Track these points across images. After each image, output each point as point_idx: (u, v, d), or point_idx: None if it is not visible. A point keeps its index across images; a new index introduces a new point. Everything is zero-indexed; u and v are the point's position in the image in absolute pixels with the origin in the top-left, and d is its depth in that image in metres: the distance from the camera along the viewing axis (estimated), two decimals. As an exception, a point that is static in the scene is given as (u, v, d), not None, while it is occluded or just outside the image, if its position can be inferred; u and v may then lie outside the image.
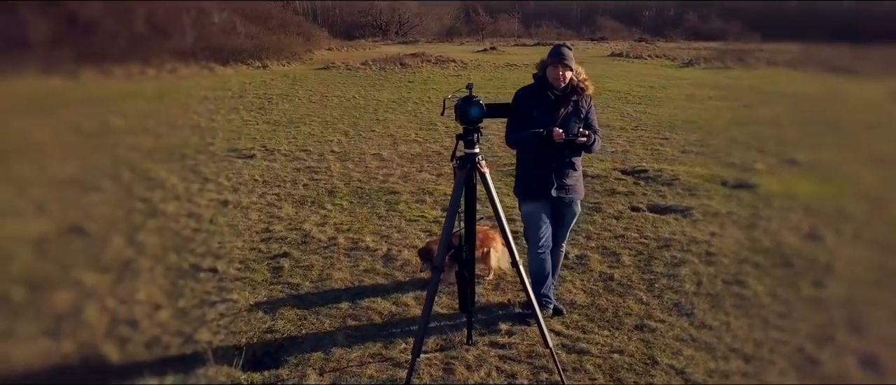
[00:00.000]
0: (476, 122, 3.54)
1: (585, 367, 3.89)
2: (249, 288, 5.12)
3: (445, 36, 48.13)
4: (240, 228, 6.56)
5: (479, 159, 3.57)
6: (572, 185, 4.29)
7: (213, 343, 4.23)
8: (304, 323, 4.52)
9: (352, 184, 8.18)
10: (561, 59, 4.07)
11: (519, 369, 3.88)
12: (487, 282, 5.09)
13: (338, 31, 46.07)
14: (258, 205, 7.36)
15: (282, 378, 3.83)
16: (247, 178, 8.56)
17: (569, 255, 5.66)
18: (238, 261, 5.68)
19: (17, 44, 18.99)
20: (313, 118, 13.54)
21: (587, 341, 4.20)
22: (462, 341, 4.22)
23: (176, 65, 24.20)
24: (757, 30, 23.24)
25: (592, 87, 4.33)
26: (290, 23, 32.18)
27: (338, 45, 33.76)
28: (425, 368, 3.92)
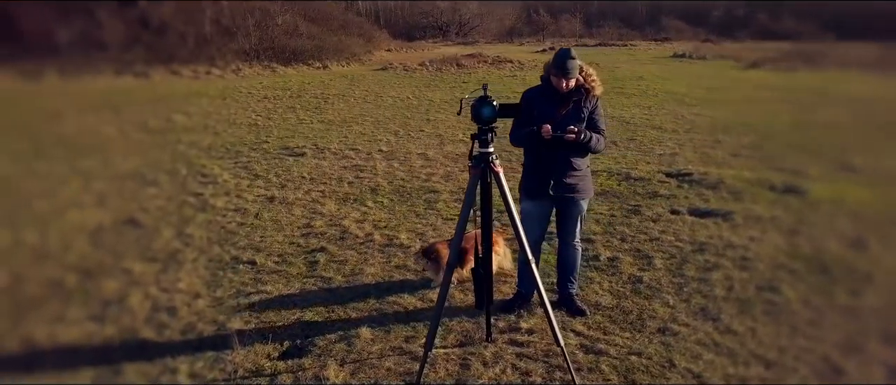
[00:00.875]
0: (489, 122, 3.59)
1: (601, 368, 3.90)
2: (284, 280, 5.31)
3: (506, 36, 48.05)
4: (282, 223, 6.79)
5: (493, 159, 3.63)
6: (573, 184, 4.29)
7: (244, 331, 4.41)
8: (332, 315, 4.67)
9: (394, 182, 8.33)
10: (565, 73, 4.06)
11: (534, 367, 3.93)
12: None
13: (399, 32, 46.60)
14: (303, 201, 7.59)
15: (303, 367, 3.98)
16: (295, 175, 8.81)
17: (600, 256, 5.65)
18: (277, 254, 5.89)
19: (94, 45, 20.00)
20: (366, 118, 13.79)
21: (606, 342, 4.20)
22: (481, 338, 4.28)
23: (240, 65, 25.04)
24: (832, 30, 22.36)
25: (600, 87, 4.31)
26: (351, 24, 32.82)
27: (397, 46, 34.16)
28: (442, 363, 4.00)
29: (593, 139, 4.17)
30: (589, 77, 4.25)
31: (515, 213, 3.70)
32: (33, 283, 5.33)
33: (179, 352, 4.14)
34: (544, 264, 5.06)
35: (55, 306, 4.88)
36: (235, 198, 7.76)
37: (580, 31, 48.85)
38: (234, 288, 5.18)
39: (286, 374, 3.90)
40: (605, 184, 8.00)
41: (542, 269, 4.69)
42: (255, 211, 7.21)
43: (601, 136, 4.27)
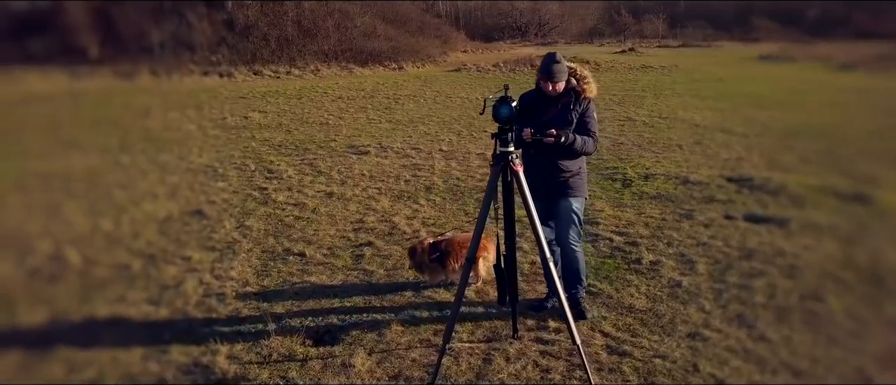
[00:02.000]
0: (507, 122, 3.67)
1: (621, 369, 3.91)
2: (329, 272, 5.54)
3: (586, 37, 47.43)
4: (336, 218, 7.05)
5: (512, 158, 3.70)
6: (561, 184, 4.29)
7: (283, 318, 4.65)
8: (368, 306, 4.86)
9: (449, 181, 8.48)
10: (550, 77, 4.15)
11: (555, 365, 3.97)
12: (475, 287, 5.10)
13: (477, 33, 46.76)
14: (359, 197, 7.84)
15: (334, 354, 4.17)
16: (356, 172, 9.09)
17: (642, 260, 5.61)
18: (326, 247, 6.14)
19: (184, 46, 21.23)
20: (432, 118, 14.01)
21: (632, 344, 4.20)
22: (508, 335, 4.36)
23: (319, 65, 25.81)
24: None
25: (594, 90, 4.33)
26: (429, 25, 33.24)
27: (474, 47, 34.31)
28: (466, 357, 4.11)
29: (578, 141, 4.17)
30: (583, 79, 4.31)
31: (534, 214, 3.75)
32: (103, 266, 5.77)
33: (222, 335, 4.40)
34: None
35: (119, 288, 5.28)
36: (297, 193, 8.09)
37: (663, 32, 47.66)
38: (281, 277, 5.45)
39: (317, 359, 4.10)
40: (661, 187, 7.88)
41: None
42: (313, 206, 7.51)
43: (590, 137, 4.27)
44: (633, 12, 52.36)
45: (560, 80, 4.17)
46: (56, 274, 5.59)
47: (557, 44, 42.00)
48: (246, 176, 9.04)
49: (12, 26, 26.93)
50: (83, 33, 23.51)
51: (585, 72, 4.37)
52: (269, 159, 10.04)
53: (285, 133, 12.53)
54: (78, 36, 23.44)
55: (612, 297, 4.92)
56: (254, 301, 4.98)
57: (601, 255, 5.81)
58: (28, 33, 24.67)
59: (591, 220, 6.74)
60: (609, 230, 6.42)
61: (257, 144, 11.36)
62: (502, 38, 47.89)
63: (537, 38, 47.21)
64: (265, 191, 8.22)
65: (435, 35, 32.09)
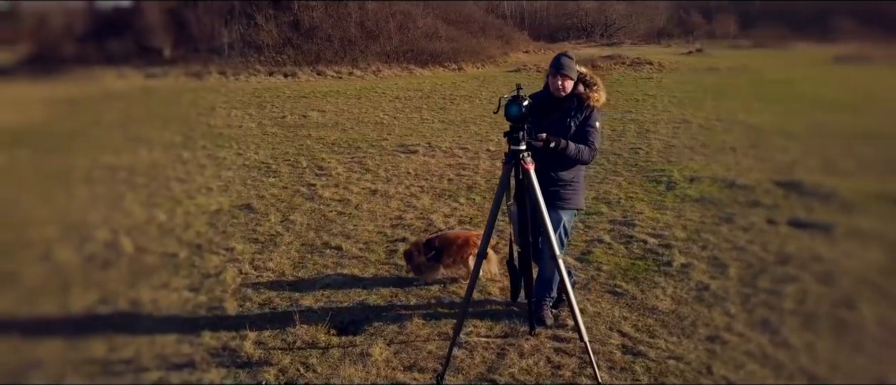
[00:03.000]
0: (517, 121, 3.72)
1: (633, 368, 3.92)
2: (361, 265, 5.72)
3: (654, 37, 46.45)
4: (377, 214, 7.23)
5: (523, 156, 3.74)
6: (551, 193, 4.16)
7: (312, 308, 4.85)
8: (394, 300, 5.00)
9: (492, 181, 8.54)
10: (559, 69, 4.12)
11: (567, 362, 4.02)
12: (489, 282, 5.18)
13: (542, 33, 46.44)
14: (401, 195, 8.01)
15: (354, 343, 4.33)
16: (402, 171, 9.27)
17: (672, 262, 5.56)
18: (362, 242, 6.32)
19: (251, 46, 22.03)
20: (484, 118, 14.07)
21: (648, 345, 4.20)
22: (525, 331, 4.42)
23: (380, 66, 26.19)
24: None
25: (602, 98, 4.26)
26: (491, 26, 33.25)
27: (536, 48, 34.16)
28: (481, 351, 4.20)
29: (572, 148, 4.10)
30: (592, 86, 4.24)
31: (545, 213, 3.79)
32: (153, 254, 6.12)
33: (252, 322, 4.63)
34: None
35: (164, 276, 5.59)
36: (343, 189, 8.32)
37: (735, 33, 46.11)
38: (315, 269, 5.66)
39: (337, 348, 4.27)
40: (706, 190, 7.75)
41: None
42: (356, 202, 7.72)
43: (586, 146, 4.17)
44: (704, 12, 50.91)
45: (569, 75, 4.17)
46: (110, 260, 5.96)
47: (623, 44, 41.30)
48: (297, 172, 9.34)
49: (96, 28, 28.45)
50: (158, 34, 24.65)
51: (596, 79, 4.32)
52: (321, 157, 10.33)
53: (340, 132, 12.83)
54: (153, 37, 24.59)
55: (636, 298, 4.91)
56: (287, 291, 5.20)
57: (633, 256, 5.78)
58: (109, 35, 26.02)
59: (628, 221, 6.71)
60: (645, 232, 6.37)
61: (312, 142, 11.68)
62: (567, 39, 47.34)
63: (603, 38, 46.49)
64: (313, 187, 8.48)
65: (497, 35, 32.06)
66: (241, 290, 5.23)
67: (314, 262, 5.84)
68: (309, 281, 5.41)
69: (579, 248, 6.02)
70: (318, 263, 5.79)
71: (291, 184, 8.69)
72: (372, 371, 3.98)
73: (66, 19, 44.19)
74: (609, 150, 10.31)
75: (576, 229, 6.57)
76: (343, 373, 3.95)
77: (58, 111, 16.27)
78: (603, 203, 7.43)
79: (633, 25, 49.81)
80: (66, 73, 23.74)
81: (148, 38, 24.52)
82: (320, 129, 13.20)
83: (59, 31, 35.78)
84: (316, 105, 16.76)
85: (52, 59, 25.31)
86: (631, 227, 6.52)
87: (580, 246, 6.07)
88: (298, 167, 9.68)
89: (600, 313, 4.68)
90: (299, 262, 5.83)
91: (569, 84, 4.20)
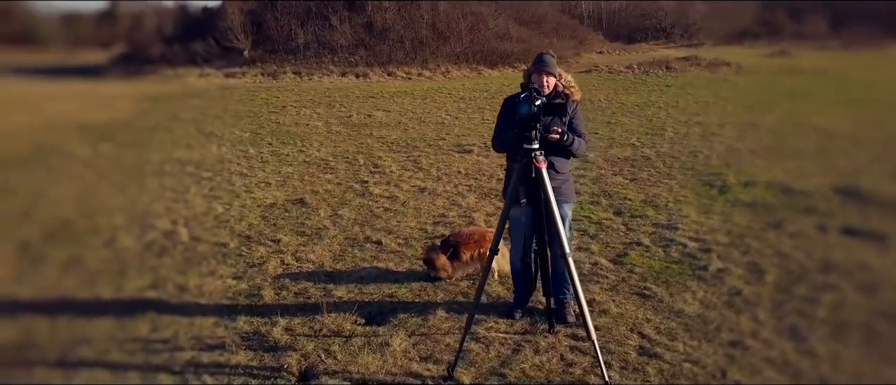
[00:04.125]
0: (526, 120, 3.77)
1: (646, 370, 3.92)
2: (397, 259, 5.89)
3: (736, 38, 44.85)
4: (421, 211, 7.39)
5: (535, 155, 3.79)
6: (555, 188, 4.15)
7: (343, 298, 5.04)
8: (422, 294, 5.14)
9: (542, 181, 8.55)
10: (543, 66, 4.19)
11: (580, 360, 4.05)
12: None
13: (619, 34, 45.66)
14: (448, 193, 8.14)
15: (377, 333, 4.49)
16: (453, 170, 9.41)
17: (708, 267, 5.47)
18: (402, 237, 6.49)
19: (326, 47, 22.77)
20: (547, 119, 14.02)
21: (666, 347, 4.17)
22: (546, 329, 4.46)
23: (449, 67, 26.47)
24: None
25: (579, 93, 4.39)
26: (565, 26, 32.99)
27: (611, 48, 33.64)
28: (498, 346, 4.28)
29: (575, 142, 4.21)
30: (568, 84, 4.36)
31: (556, 213, 3.83)
32: (205, 243, 6.47)
33: (285, 309, 4.86)
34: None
35: (212, 264, 5.92)
36: (393, 187, 8.53)
37: (824, 33, 43.94)
38: (353, 262, 5.86)
39: (360, 337, 4.44)
40: (759, 195, 7.53)
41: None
42: (404, 199, 7.90)
43: (582, 139, 4.30)
44: (792, 12, 48.75)
45: (552, 73, 4.24)
46: (166, 248, 6.35)
47: (703, 45, 40.10)
48: (353, 169, 9.62)
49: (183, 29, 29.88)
50: (238, 35, 25.72)
51: (569, 77, 4.45)
52: (378, 155, 10.58)
53: (401, 131, 13.08)
54: (234, 38, 25.68)
55: (663, 301, 4.87)
56: (322, 282, 5.41)
57: (669, 259, 5.72)
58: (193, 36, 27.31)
59: (671, 225, 6.62)
60: (686, 236, 6.27)
61: (372, 141, 11.98)
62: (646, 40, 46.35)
63: (682, 39, 45.26)
64: (366, 184, 8.73)
65: (570, 36, 31.81)
66: (280, 280, 5.48)
67: (353, 255, 6.04)
68: (345, 273, 5.61)
69: (616, 250, 6.00)
70: (356, 257, 5.99)
71: (346, 180, 8.97)
72: (389, 360, 4.12)
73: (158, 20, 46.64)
74: (666, 153, 10.15)
75: (615, 231, 6.55)
76: (361, 361, 4.11)
77: (142, 108, 17.27)
78: (650, 206, 7.34)
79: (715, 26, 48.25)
80: (154, 73, 25.14)
81: (229, 38, 25.61)
82: (383, 128, 13.50)
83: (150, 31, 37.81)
84: (382, 105, 17.12)
85: (142, 58, 26.83)
86: (673, 231, 6.43)
87: (617, 248, 6.04)
88: (355, 164, 9.96)
89: (624, 314, 4.67)
90: (339, 255, 6.05)
91: (552, 81, 4.27)
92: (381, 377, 3.95)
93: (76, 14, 53.27)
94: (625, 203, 7.51)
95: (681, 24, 47.92)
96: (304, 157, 10.64)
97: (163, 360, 4.22)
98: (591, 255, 5.86)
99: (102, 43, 42.26)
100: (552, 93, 4.31)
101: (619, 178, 8.67)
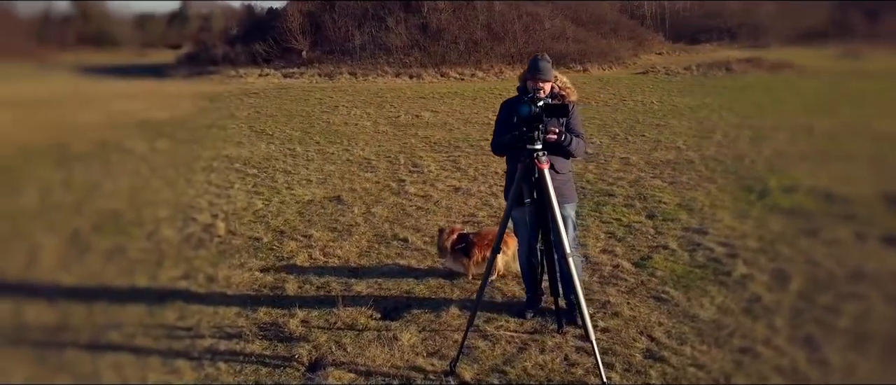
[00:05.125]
0: (526, 121, 3.81)
1: (649, 373, 3.90)
2: (420, 256, 6.00)
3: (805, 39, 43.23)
4: (452, 211, 7.48)
5: (537, 155, 3.82)
6: (556, 188, 4.14)
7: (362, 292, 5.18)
8: (438, 291, 5.22)
9: (578, 182, 8.50)
10: (538, 74, 4.14)
11: (584, 361, 4.06)
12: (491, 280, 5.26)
13: (682, 34, 44.60)
14: (482, 194, 8.20)
15: (389, 327, 4.60)
16: (491, 170, 9.46)
17: (732, 272, 5.37)
18: (429, 235, 6.58)
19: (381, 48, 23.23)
20: (594, 120, 13.92)
21: (674, 351, 4.14)
22: (554, 329, 4.48)
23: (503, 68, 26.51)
24: None
25: (574, 94, 4.37)
26: (623, 26, 32.49)
27: (672, 49, 32.94)
28: (504, 344, 4.33)
29: (574, 142, 4.19)
30: (564, 85, 4.36)
31: (557, 214, 3.85)
32: (240, 237, 6.72)
33: (305, 303, 5.02)
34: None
35: (244, 257, 6.15)
36: (429, 186, 8.65)
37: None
38: (378, 258, 6.00)
39: (372, 331, 4.56)
40: (799, 201, 7.33)
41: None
42: (437, 198, 8.01)
43: (580, 139, 4.28)
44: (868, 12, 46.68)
45: (548, 77, 4.21)
46: (203, 241, 6.63)
47: (770, 46, 38.78)
48: (393, 169, 9.78)
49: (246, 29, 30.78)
50: (297, 36, 26.36)
51: (564, 79, 4.44)
52: (419, 155, 10.72)
53: (447, 131, 13.20)
54: (293, 39, 26.33)
55: (679, 305, 4.82)
56: (345, 276, 5.56)
57: (693, 264, 5.63)
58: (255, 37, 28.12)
59: (702, 229, 6.52)
60: (715, 240, 6.16)
61: (416, 141, 12.13)
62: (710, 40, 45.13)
63: (749, 39, 43.88)
64: (403, 182, 8.87)
65: (629, 37, 31.30)
66: (304, 274, 5.65)
67: (379, 251, 6.18)
68: (368, 269, 5.75)
69: (640, 253, 5.95)
70: (382, 253, 6.13)
71: (384, 179, 9.13)
72: (396, 354, 4.23)
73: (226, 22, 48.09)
74: (711, 157, 9.95)
75: (644, 234, 6.48)
76: (369, 354, 4.23)
77: (200, 106, 17.92)
78: (684, 210, 7.23)
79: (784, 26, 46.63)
80: (217, 72, 26.01)
81: (288, 39, 26.27)
82: (428, 128, 13.64)
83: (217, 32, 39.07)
84: (432, 106, 17.28)
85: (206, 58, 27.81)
86: (702, 235, 6.33)
87: (642, 251, 5.99)
88: (396, 164, 10.12)
89: (636, 317, 4.64)
90: (365, 251, 6.20)
91: (547, 86, 4.25)
92: (386, 370, 4.05)
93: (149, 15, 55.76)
94: (659, 206, 7.42)
95: (748, 24, 46.46)
96: (348, 155, 10.87)
97: (184, 346, 4.44)
98: (614, 257, 5.83)
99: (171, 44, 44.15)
100: (549, 95, 4.32)
101: (658, 181, 8.55)
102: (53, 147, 12.00)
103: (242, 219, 7.35)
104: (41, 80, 25.83)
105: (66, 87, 23.88)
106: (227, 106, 17.99)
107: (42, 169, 10.25)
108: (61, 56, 32.43)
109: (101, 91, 22.19)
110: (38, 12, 39.74)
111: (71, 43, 36.11)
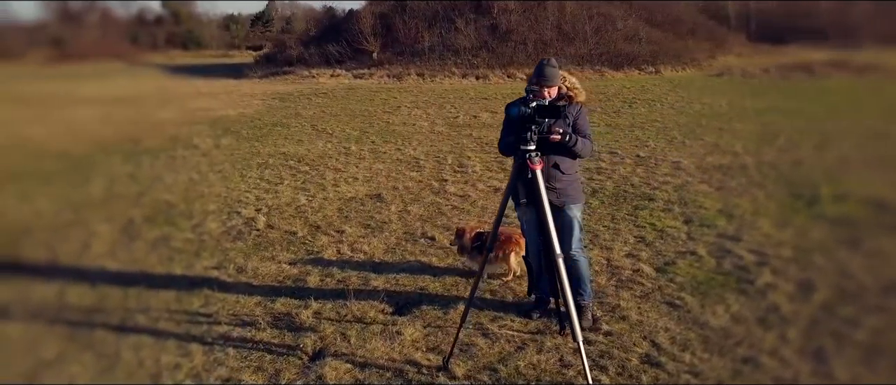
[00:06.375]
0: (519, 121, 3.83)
1: (641, 377, 3.86)
2: (442, 255, 6.09)
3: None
4: (486, 211, 7.53)
5: (531, 156, 3.84)
6: (561, 189, 4.16)
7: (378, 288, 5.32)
8: (451, 289, 5.30)
9: (622, 186, 8.40)
10: (543, 81, 4.15)
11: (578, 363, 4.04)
12: (507, 281, 5.35)
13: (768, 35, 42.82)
14: (521, 194, 8.19)
15: (395, 323, 4.72)
16: (536, 171, 9.42)
17: (756, 281, 5.21)
18: (456, 235, 6.67)
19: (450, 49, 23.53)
20: (655, 124, 13.63)
21: (672, 358, 4.07)
22: (556, 330, 4.49)
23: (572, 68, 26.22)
24: None
25: (583, 95, 4.35)
26: (702, 27, 31.52)
27: (751, 51, 31.69)
28: (503, 343, 4.37)
29: (579, 142, 4.17)
30: (572, 87, 4.34)
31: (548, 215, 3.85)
32: (277, 231, 6.99)
33: (321, 295, 5.21)
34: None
35: (276, 249, 6.40)
36: (469, 186, 8.72)
37: None
38: (402, 255, 6.13)
39: (378, 325, 4.68)
40: (848, 210, 6.99)
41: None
42: (474, 199, 8.07)
43: (587, 140, 4.25)
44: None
45: (554, 83, 4.20)
46: (242, 233, 6.94)
47: (862, 47, 36.73)
48: (439, 168, 9.90)
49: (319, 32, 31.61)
50: (368, 38, 26.90)
51: (573, 80, 4.42)
52: (467, 155, 10.81)
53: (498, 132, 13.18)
54: (364, 40, 26.89)
55: (690, 311, 4.72)
56: (366, 271, 5.72)
57: (718, 271, 5.49)
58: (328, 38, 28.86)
59: (737, 236, 6.33)
60: (747, 247, 5.98)
61: (468, 141, 12.21)
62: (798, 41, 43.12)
63: (840, 40, 41.69)
64: (444, 182, 8.98)
65: (707, 38, 30.32)
66: (328, 267, 5.85)
67: (404, 248, 6.31)
68: (390, 264, 5.89)
69: (665, 258, 5.84)
70: (406, 250, 6.26)
71: (427, 178, 9.27)
72: (396, 348, 4.34)
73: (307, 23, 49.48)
74: (768, 162, 9.58)
75: (675, 239, 6.36)
76: (370, 346, 4.36)
77: (270, 105, 18.58)
78: (724, 216, 7.03)
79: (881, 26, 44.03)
80: (292, 72, 26.87)
81: (360, 41, 26.86)
82: (484, 129, 13.69)
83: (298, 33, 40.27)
84: (492, 107, 17.30)
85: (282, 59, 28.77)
86: (735, 242, 6.15)
87: (667, 256, 5.88)
88: (443, 163, 10.24)
89: (643, 322, 4.59)
90: (391, 248, 6.34)
91: (554, 91, 4.23)
92: (382, 362, 4.17)
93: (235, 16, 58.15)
94: (699, 211, 7.23)
95: (840, 24, 44.16)
96: (399, 155, 11.06)
97: (201, 331, 4.69)
98: (637, 261, 5.75)
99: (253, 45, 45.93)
100: (556, 96, 4.33)
101: (704, 186, 8.32)
102: (127, 142, 12.75)
103: (284, 213, 7.63)
104: (131, 79, 27.42)
105: (151, 85, 25.24)
106: (295, 105, 18.58)
107: (113, 162, 10.92)
108: (151, 56, 34.29)
109: (183, 90, 23.34)
110: (133, 13, 42.09)
111: (161, 44, 38.11)
